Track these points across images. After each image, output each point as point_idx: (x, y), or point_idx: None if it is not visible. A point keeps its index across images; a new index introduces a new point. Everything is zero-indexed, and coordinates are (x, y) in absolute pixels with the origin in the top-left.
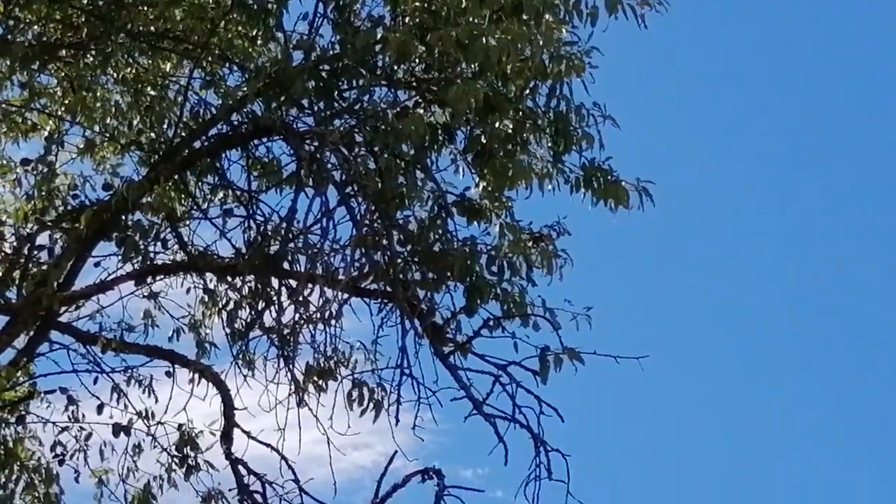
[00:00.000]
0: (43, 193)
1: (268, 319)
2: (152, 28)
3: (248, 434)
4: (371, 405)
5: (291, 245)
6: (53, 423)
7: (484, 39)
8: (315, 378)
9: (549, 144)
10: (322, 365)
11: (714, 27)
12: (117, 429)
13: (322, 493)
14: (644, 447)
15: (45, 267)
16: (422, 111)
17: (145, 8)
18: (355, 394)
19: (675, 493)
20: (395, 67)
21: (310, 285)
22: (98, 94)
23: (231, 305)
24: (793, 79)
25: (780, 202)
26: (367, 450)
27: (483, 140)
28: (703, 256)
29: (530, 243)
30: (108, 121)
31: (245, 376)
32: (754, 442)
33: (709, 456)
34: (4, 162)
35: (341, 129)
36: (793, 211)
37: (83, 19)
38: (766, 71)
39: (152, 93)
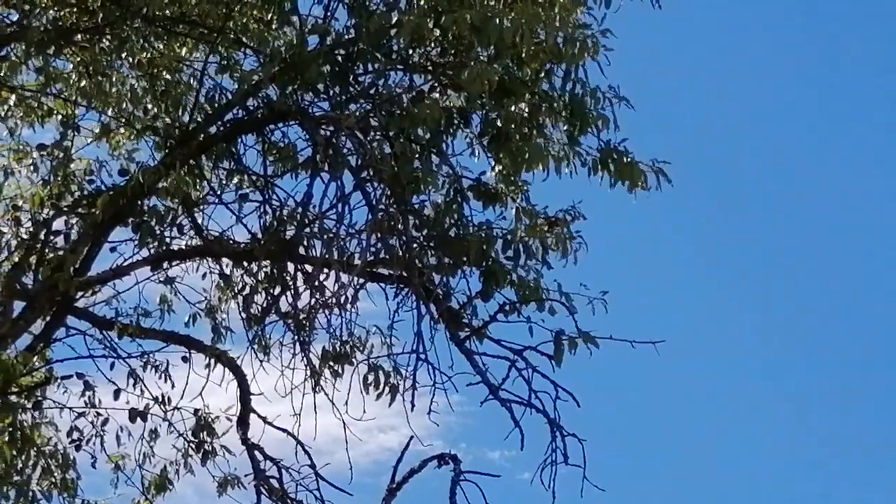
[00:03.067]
0: (59, 179)
1: (284, 304)
2: (168, 12)
3: (264, 419)
4: (387, 389)
5: (307, 230)
6: (70, 408)
7: (498, 22)
8: (331, 363)
9: (565, 127)
10: (338, 350)
11: (727, 6)
12: (134, 414)
13: (345, 475)
14: (660, 432)
15: (61, 252)
16: (437, 95)
17: None
18: (371, 378)
19: (692, 477)
20: (410, 51)
21: (325, 270)
22: (114, 78)
23: (247, 290)
24: (808, 54)
25: (800, 181)
26: (393, 432)
27: (498, 123)
28: (720, 238)
29: (546, 227)
30: (123, 106)
31: (261, 361)
32: (771, 426)
33: (725, 441)
34: (21, 147)
35: (356, 113)
36: (815, 193)
37: (98, 4)
38: (780, 48)
39: (168, 77)
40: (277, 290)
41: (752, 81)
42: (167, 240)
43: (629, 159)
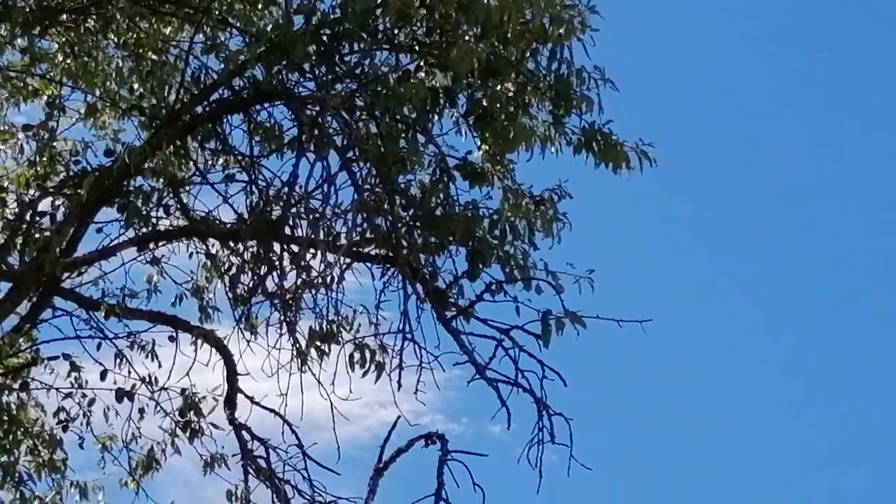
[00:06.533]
0: (45, 159)
1: (270, 284)
2: None
3: (251, 399)
4: (373, 367)
5: (293, 210)
6: (57, 389)
7: (485, 1)
8: (317, 342)
9: (550, 107)
10: (324, 329)
11: None
12: (120, 394)
13: (346, 452)
14: (647, 411)
15: (47, 233)
16: (423, 75)
17: None
18: (357, 356)
19: (678, 457)
20: (396, 31)
21: (312, 250)
22: (99, 58)
23: (233, 270)
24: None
25: (786, 159)
26: (394, 408)
27: (484, 103)
28: (706, 218)
29: (532, 207)
30: (109, 86)
31: (248, 341)
32: (757, 405)
33: (712, 420)
34: (6, 128)
35: (342, 93)
36: (798, 172)
37: None
38: (765, 28)
39: (153, 57)
40: (264, 269)
41: (737, 62)
42: (153, 220)
43: (613, 141)
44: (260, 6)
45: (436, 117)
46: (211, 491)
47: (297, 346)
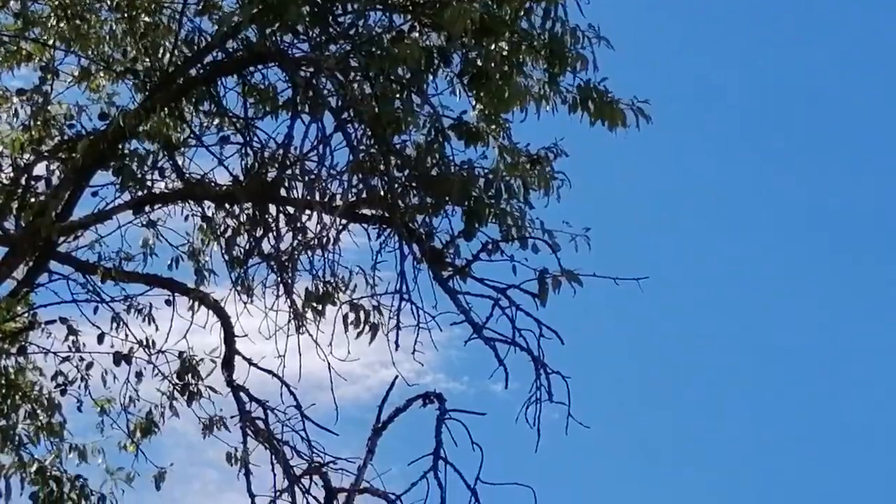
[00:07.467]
0: (39, 123)
1: (266, 246)
2: None
3: (248, 361)
4: (367, 328)
5: (288, 172)
6: (54, 353)
7: None
8: (314, 304)
9: (545, 66)
10: (321, 290)
11: None
12: (118, 357)
13: (349, 413)
14: (644, 369)
15: (42, 197)
16: (417, 35)
17: None
18: (351, 316)
19: (676, 413)
20: None
21: (307, 211)
22: (92, 21)
23: (229, 233)
24: None
25: (778, 115)
26: (397, 367)
27: (479, 63)
28: (702, 174)
29: (528, 165)
30: (102, 49)
31: (244, 303)
32: (756, 361)
33: (709, 376)
34: (0, 92)
35: (336, 54)
36: (797, 122)
37: None
38: None
39: (147, 20)
40: (260, 231)
41: (733, 15)
42: (149, 183)
43: (609, 99)
44: None
45: (430, 77)
46: (211, 453)
47: (294, 307)
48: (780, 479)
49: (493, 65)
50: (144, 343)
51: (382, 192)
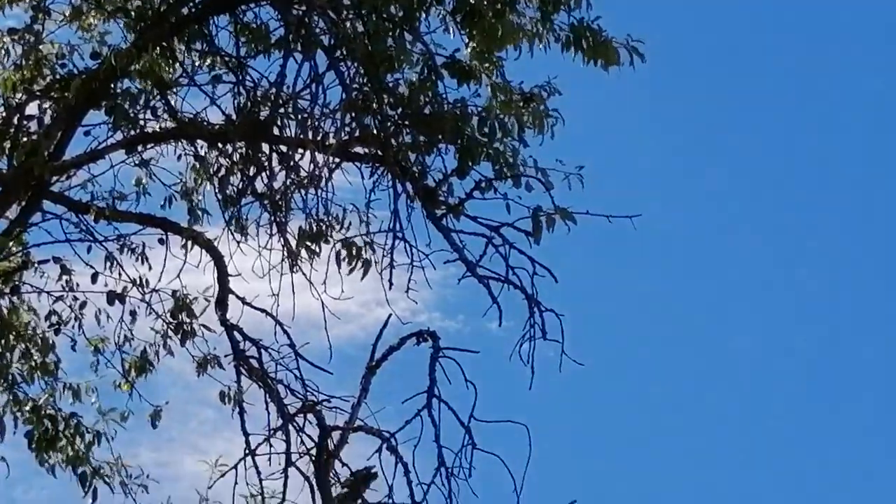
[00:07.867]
0: (31, 63)
1: (259, 185)
2: None
3: (242, 300)
4: (359, 264)
5: (281, 110)
6: (48, 292)
7: None
8: (307, 242)
9: (538, 4)
10: (314, 229)
11: None
12: (112, 297)
13: (344, 351)
14: (638, 305)
15: (35, 137)
16: None
17: None
18: (344, 253)
19: (669, 347)
20: None
21: (300, 150)
22: None
23: (222, 172)
24: None
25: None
26: (392, 305)
27: (471, 1)
28: (697, 112)
29: (521, 103)
30: None
31: (238, 242)
32: (749, 296)
33: (702, 313)
34: None
35: None
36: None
37: None
38: None
39: None
40: (253, 170)
41: None
42: (141, 122)
43: (603, 38)
44: None
45: (423, 15)
46: (208, 392)
47: (288, 246)
48: (775, 415)
49: (485, 3)
50: (138, 282)
51: (375, 131)
